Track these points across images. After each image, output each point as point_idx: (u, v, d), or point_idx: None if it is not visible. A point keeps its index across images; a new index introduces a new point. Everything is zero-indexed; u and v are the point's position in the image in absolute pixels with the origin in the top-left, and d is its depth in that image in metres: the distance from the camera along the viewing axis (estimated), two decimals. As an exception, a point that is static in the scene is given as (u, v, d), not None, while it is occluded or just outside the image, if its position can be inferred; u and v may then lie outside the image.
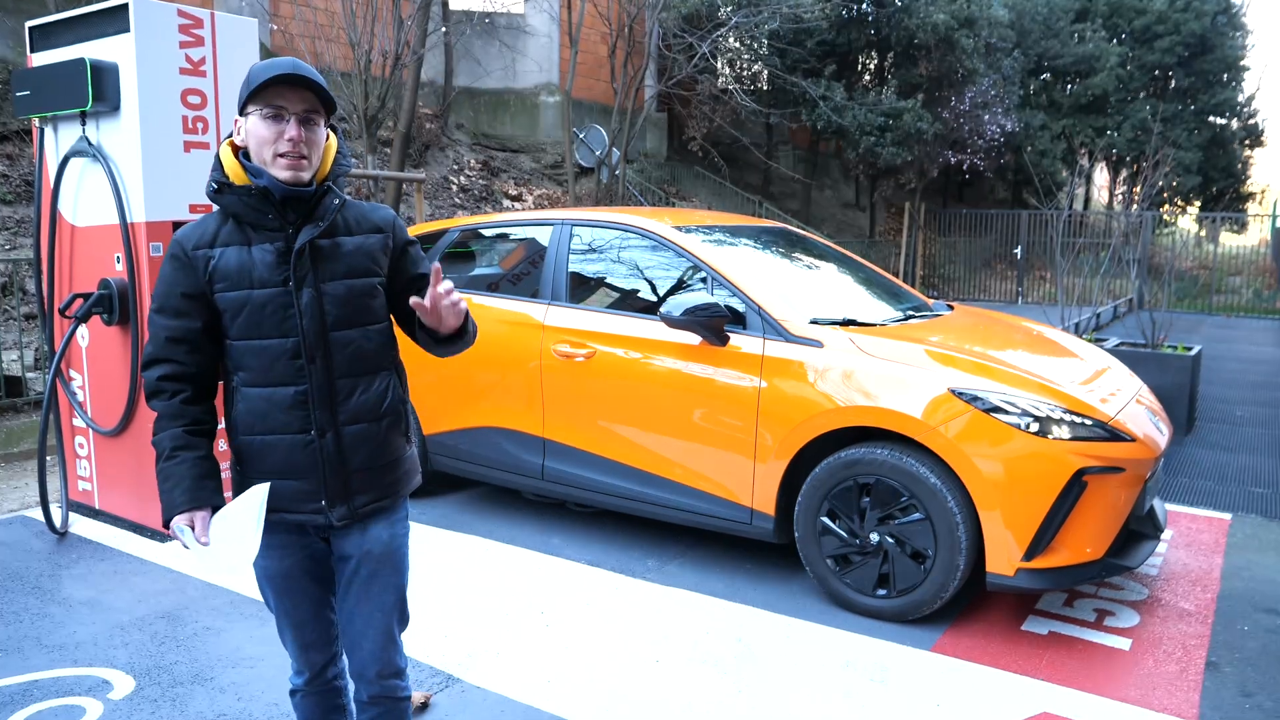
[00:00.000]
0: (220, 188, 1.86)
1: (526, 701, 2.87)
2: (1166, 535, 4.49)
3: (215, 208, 1.91)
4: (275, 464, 1.91)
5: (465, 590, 3.74)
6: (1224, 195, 23.77)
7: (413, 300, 1.82)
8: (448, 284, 1.83)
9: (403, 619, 2.11)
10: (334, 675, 2.15)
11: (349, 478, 1.94)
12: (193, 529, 1.83)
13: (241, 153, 1.88)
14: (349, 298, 1.91)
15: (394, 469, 2.02)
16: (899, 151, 16.64)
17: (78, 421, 4.52)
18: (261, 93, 1.81)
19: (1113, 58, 20.80)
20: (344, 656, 2.16)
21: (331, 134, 1.94)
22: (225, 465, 1.98)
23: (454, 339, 1.97)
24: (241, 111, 1.86)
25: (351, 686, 2.16)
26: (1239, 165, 24.53)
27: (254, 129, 1.83)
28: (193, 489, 1.85)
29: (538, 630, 3.38)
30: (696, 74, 14.78)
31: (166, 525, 1.85)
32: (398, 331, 2.08)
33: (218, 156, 1.89)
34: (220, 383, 1.99)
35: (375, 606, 2.03)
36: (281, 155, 1.82)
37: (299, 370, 1.88)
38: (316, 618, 2.07)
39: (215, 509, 1.85)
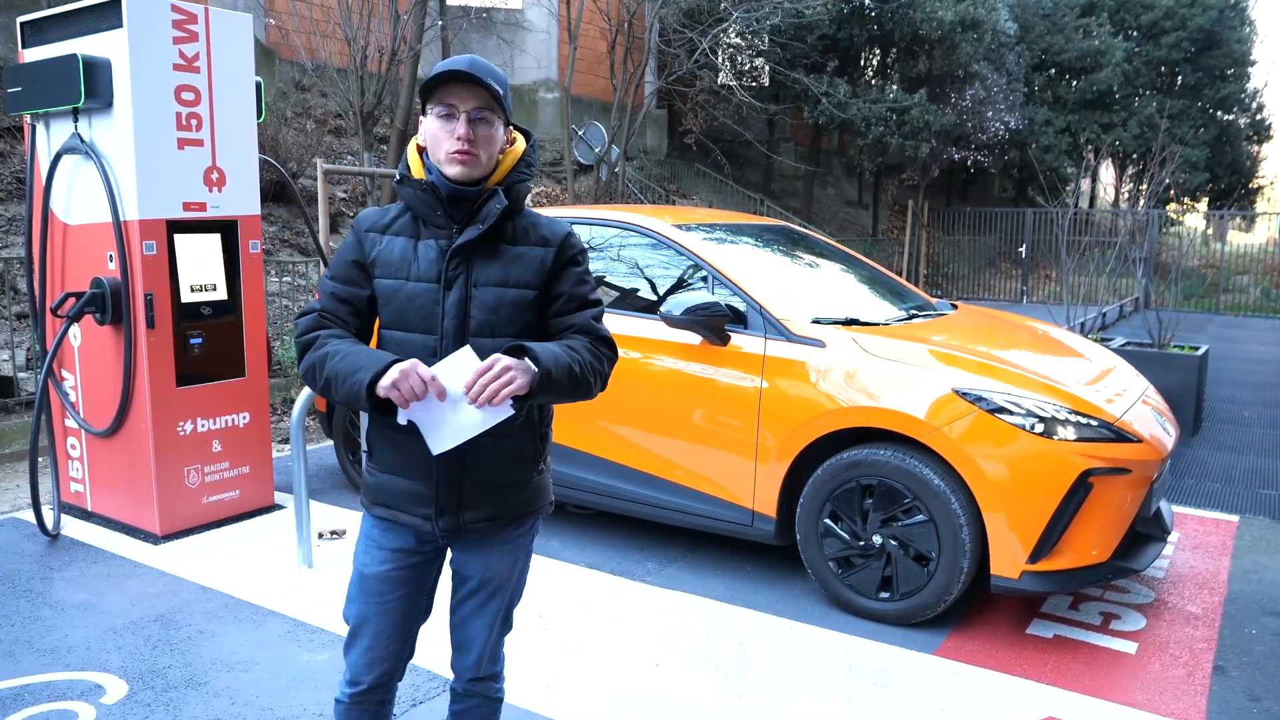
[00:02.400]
0: (402, 179, 1.92)
1: (525, 706, 2.83)
2: (1173, 538, 4.44)
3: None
4: (399, 462, 1.91)
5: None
6: (1231, 192, 23.62)
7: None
8: (495, 362, 1.72)
9: (508, 626, 2.12)
10: (383, 698, 2.09)
11: (463, 490, 1.91)
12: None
13: (425, 153, 1.92)
14: (498, 306, 1.88)
15: (515, 491, 1.96)
16: (909, 144, 16.50)
17: (70, 422, 4.48)
18: (435, 91, 1.83)
19: (1119, 53, 20.69)
20: (402, 678, 2.13)
21: (520, 140, 1.96)
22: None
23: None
24: (422, 112, 1.89)
25: (450, 677, 2.12)
26: (1247, 162, 24.40)
27: (429, 128, 1.87)
28: (375, 353, 1.80)
29: (536, 633, 3.34)
30: (697, 70, 14.72)
31: (369, 398, 1.76)
32: None
33: (407, 150, 1.94)
34: None
35: (486, 622, 2.06)
36: (452, 153, 1.84)
37: None
38: (393, 634, 2.01)
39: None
